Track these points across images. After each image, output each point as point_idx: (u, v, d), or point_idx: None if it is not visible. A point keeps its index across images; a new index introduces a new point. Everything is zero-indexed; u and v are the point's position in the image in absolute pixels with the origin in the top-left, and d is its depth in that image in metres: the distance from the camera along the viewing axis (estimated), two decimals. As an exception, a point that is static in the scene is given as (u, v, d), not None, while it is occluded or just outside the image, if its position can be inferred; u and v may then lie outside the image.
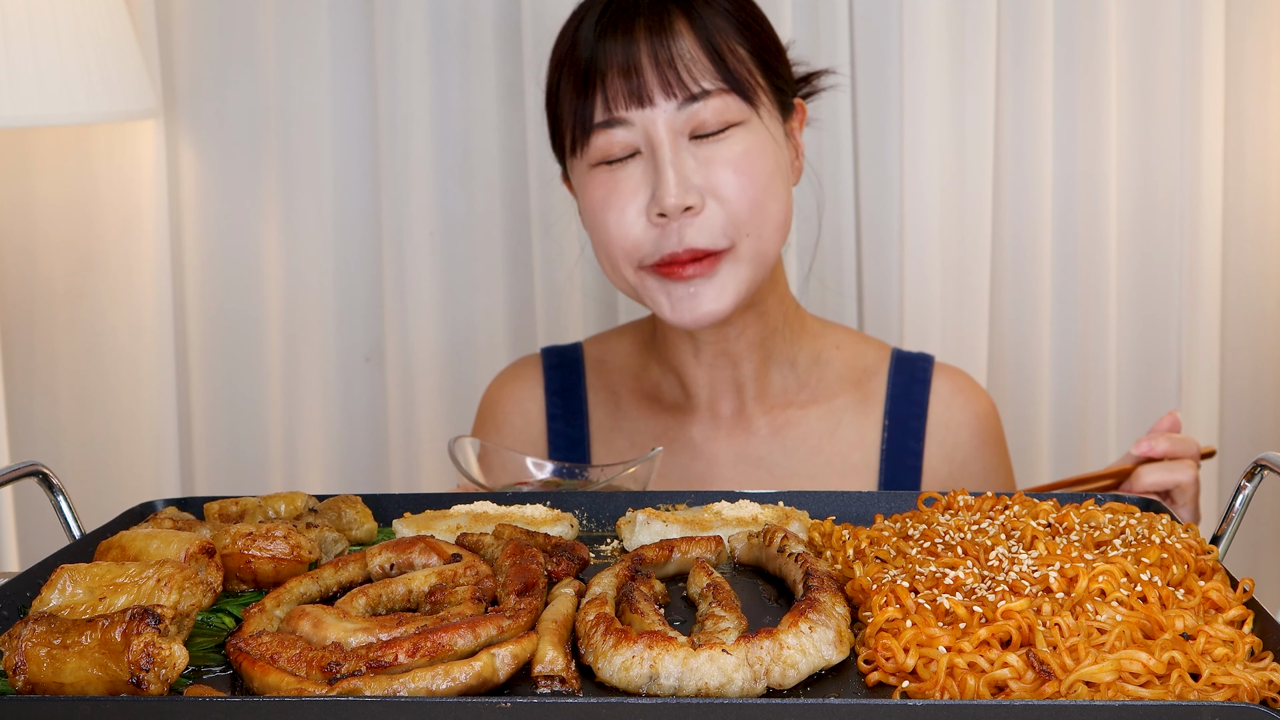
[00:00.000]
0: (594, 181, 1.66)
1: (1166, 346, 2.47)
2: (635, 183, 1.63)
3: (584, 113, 1.64)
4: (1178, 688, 0.91)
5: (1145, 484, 1.59)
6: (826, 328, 1.90)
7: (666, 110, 1.61)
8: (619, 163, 1.64)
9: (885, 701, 0.89)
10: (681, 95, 1.61)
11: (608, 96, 1.62)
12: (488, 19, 2.49)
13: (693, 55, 1.62)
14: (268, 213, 2.58)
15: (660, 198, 1.60)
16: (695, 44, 1.63)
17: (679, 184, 1.60)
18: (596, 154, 1.65)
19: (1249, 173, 2.45)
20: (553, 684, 0.96)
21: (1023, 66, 2.40)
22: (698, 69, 1.62)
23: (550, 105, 1.72)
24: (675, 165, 1.60)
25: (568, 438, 1.88)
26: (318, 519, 1.30)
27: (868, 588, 1.07)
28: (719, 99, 1.62)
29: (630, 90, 1.61)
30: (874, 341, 1.91)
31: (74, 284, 2.58)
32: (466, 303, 2.56)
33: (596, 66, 1.63)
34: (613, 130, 1.63)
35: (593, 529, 1.38)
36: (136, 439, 2.60)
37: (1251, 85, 2.43)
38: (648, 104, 1.61)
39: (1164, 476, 1.59)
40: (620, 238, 1.64)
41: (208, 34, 2.54)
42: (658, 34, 1.62)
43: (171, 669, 0.94)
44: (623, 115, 1.62)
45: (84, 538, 1.28)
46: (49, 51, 2.14)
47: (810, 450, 1.82)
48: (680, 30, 1.63)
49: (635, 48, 1.62)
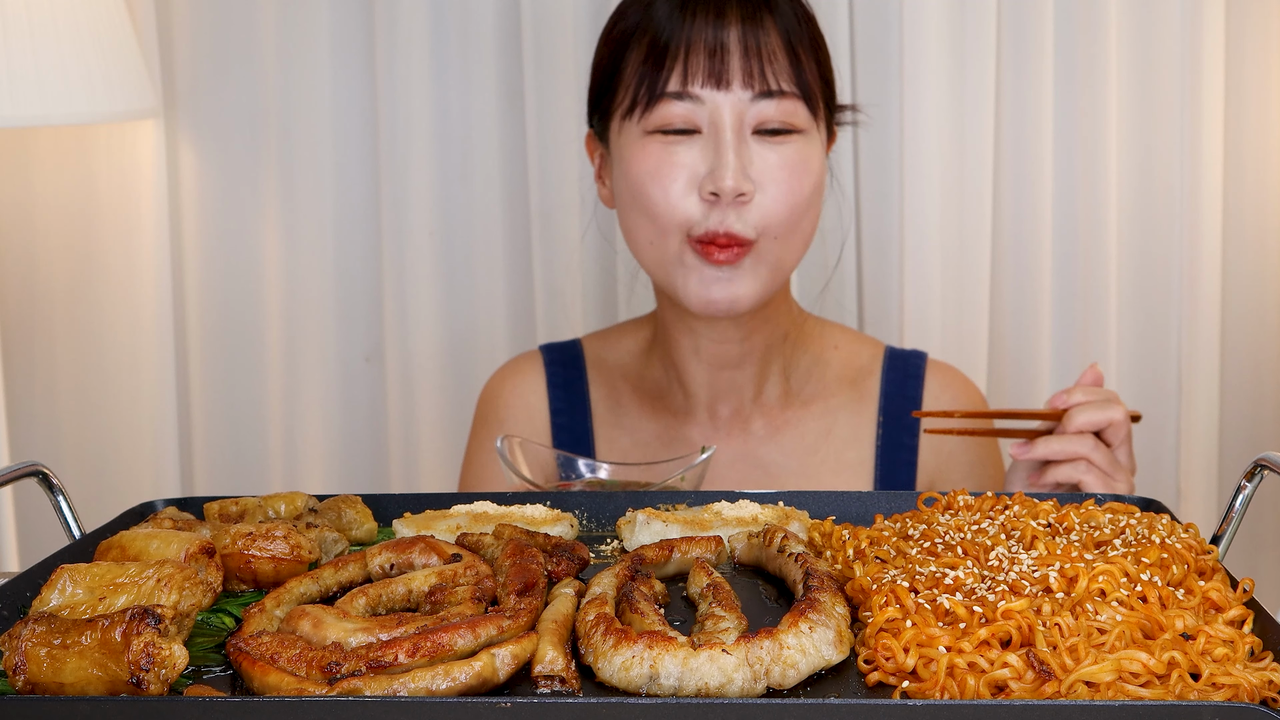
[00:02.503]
0: (645, 150, 1.67)
1: (1166, 346, 2.47)
2: (690, 158, 1.65)
3: (655, 80, 1.65)
4: (1178, 688, 0.91)
5: (1079, 423, 1.59)
6: (825, 328, 1.91)
7: (742, 98, 1.64)
8: (675, 136, 1.65)
9: (885, 701, 0.89)
10: (759, 87, 1.64)
11: (687, 70, 1.64)
12: (488, 19, 2.49)
13: (776, 52, 1.65)
14: (268, 213, 2.58)
15: (719, 177, 1.62)
16: (779, 44, 1.66)
17: (739, 168, 1.62)
18: (656, 121, 1.66)
19: (1249, 173, 2.45)
20: (553, 684, 0.96)
21: (1023, 67, 2.40)
22: (778, 66, 1.65)
23: (605, 68, 1.72)
24: (738, 150, 1.63)
25: (571, 431, 1.89)
26: (318, 519, 1.30)
27: (868, 588, 1.07)
28: (790, 102, 1.65)
29: (712, 70, 1.63)
30: (868, 340, 1.92)
31: (74, 284, 2.58)
32: (466, 303, 2.56)
33: (679, 39, 1.65)
34: (683, 103, 1.64)
35: (593, 529, 1.38)
36: (136, 439, 2.60)
37: (1251, 85, 2.43)
38: (725, 87, 1.64)
39: (1095, 415, 1.59)
40: (667, 208, 1.65)
41: (208, 34, 2.54)
42: (750, 23, 1.65)
43: (171, 669, 0.94)
44: (697, 92, 1.64)
45: (84, 538, 1.28)
46: (49, 51, 2.14)
47: (807, 450, 1.83)
48: (769, 27, 1.66)
49: (726, 31, 1.64)
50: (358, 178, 2.57)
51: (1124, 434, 1.62)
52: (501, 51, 2.51)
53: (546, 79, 2.44)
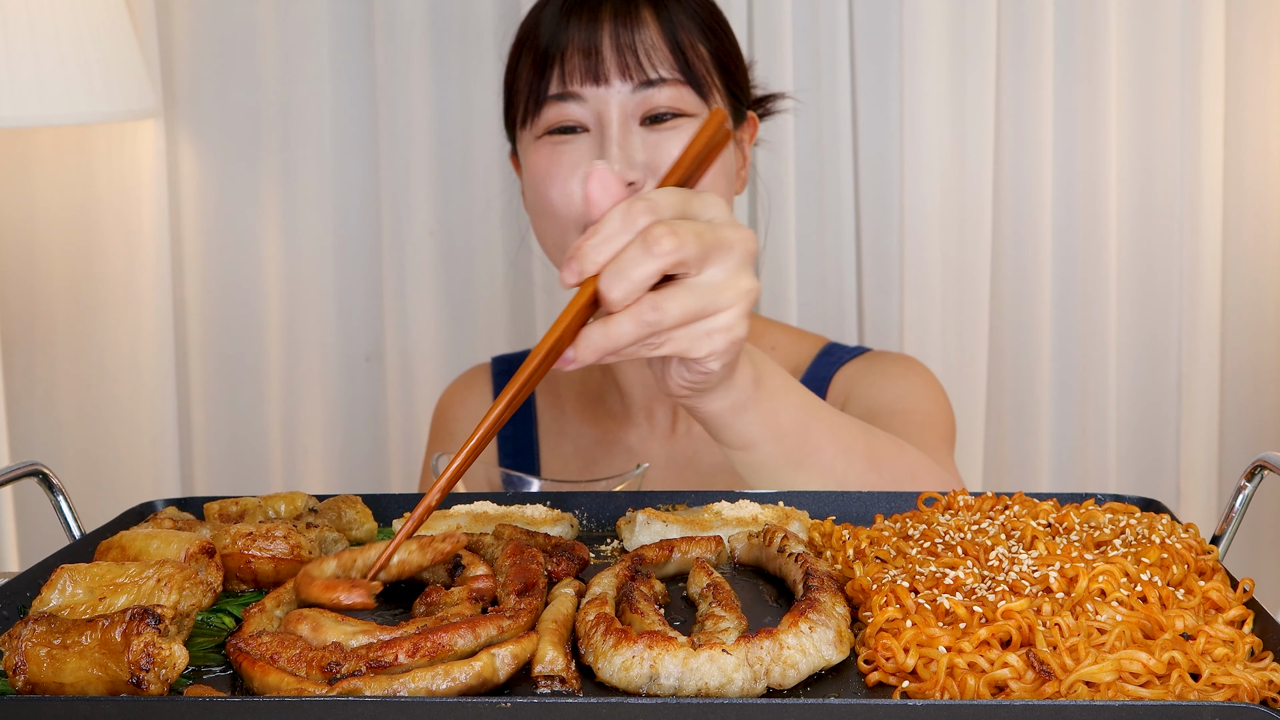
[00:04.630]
0: (538, 152, 1.68)
1: (1166, 346, 2.47)
2: (580, 155, 1.66)
3: (539, 86, 1.67)
4: (1178, 688, 0.91)
5: (609, 303, 1.11)
6: (767, 327, 1.92)
7: (621, 91, 1.64)
8: (565, 135, 1.67)
9: (885, 701, 0.89)
10: (637, 79, 1.64)
11: (565, 72, 1.65)
12: (488, 19, 2.49)
13: (654, 44, 1.66)
14: (268, 213, 2.58)
15: None
16: (658, 35, 1.66)
17: (624, 159, 1.62)
18: (544, 124, 1.67)
19: (1249, 173, 2.45)
20: (553, 684, 0.95)
21: (1023, 67, 2.40)
22: (657, 57, 1.65)
23: (508, 82, 1.76)
24: (622, 142, 1.63)
25: (515, 442, 1.93)
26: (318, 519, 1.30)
27: (868, 588, 1.07)
28: (673, 88, 1.65)
29: (588, 69, 1.65)
30: (810, 337, 1.93)
31: (74, 284, 2.58)
32: (466, 303, 2.56)
33: (558, 44, 1.66)
34: (565, 104, 1.66)
35: (593, 529, 1.38)
36: (136, 439, 2.60)
37: (1251, 85, 2.43)
38: (603, 83, 1.64)
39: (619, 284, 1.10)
40: (565, 206, 1.66)
41: (208, 34, 2.54)
42: (622, 20, 1.66)
43: (171, 669, 0.94)
44: (577, 90, 1.65)
45: (84, 538, 1.28)
46: (49, 51, 2.14)
47: None
48: (645, 20, 1.67)
49: (599, 30, 1.66)
50: (358, 178, 2.57)
51: (695, 247, 1.09)
52: (501, 52, 2.50)
53: (546, 79, 2.44)
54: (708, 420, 1.30)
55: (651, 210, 1.10)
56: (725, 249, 1.13)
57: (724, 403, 1.27)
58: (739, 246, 1.14)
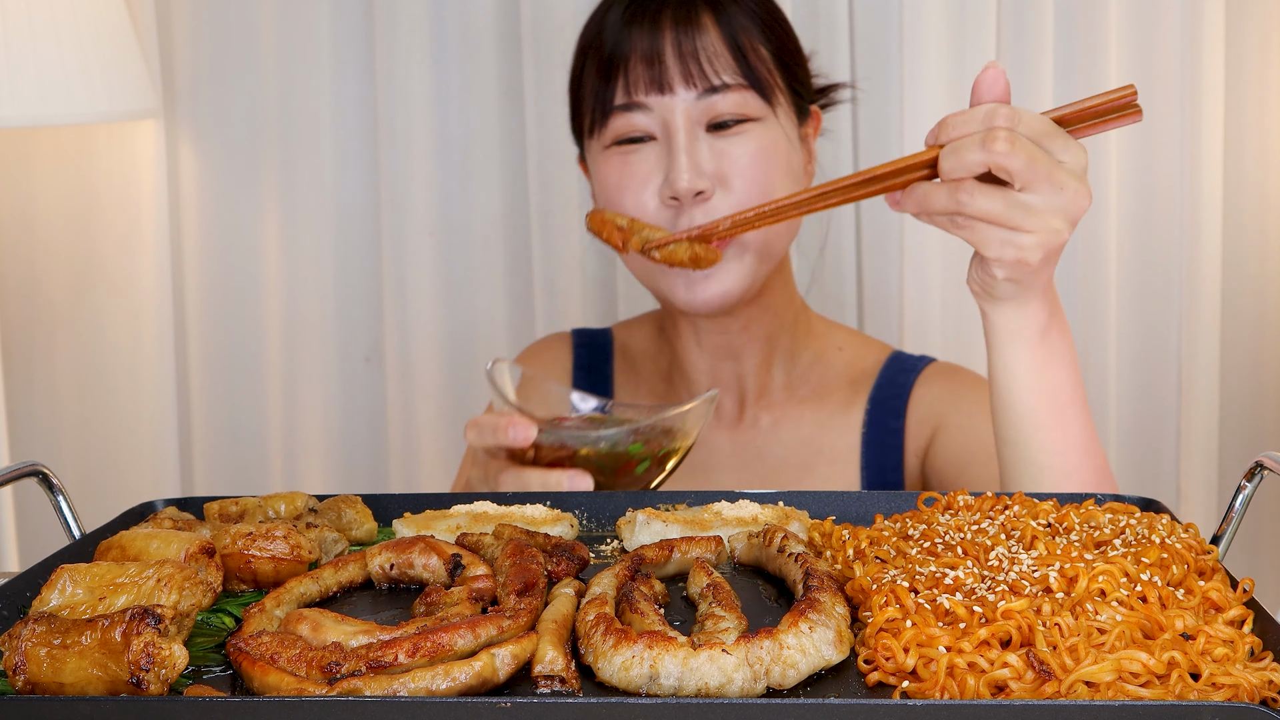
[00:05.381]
0: (608, 163, 1.70)
1: (1166, 346, 2.47)
2: (649, 166, 1.67)
3: (605, 95, 1.69)
4: (1178, 688, 0.91)
5: (945, 170, 1.26)
6: (831, 329, 1.92)
7: (686, 99, 1.66)
8: (633, 145, 1.68)
9: (885, 701, 0.89)
10: (701, 86, 1.66)
11: (629, 81, 1.67)
12: (488, 19, 2.49)
13: (716, 49, 1.67)
14: (268, 212, 2.58)
15: (673, 180, 1.64)
16: (719, 39, 1.68)
17: (692, 168, 1.64)
18: (612, 134, 1.69)
19: (1249, 173, 2.45)
20: (553, 684, 0.96)
21: (1022, 67, 2.40)
22: (719, 63, 1.67)
23: (573, 89, 1.77)
24: (689, 151, 1.65)
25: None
26: (318, 519, 1.30)
27: (868, 588, 1.07)
28: (737, 93, 1.67)
29: (652, 77, 1.66)
30: (876, 343, 1.93)
31: (74, 284, 2.58)
32: (466, 303, 2.56)
33: (621, 53, 1.68)
34: (631, 114, 1.67)
35: (593, 529, 1.38)
36: (136, 439, 2.60)
37: (1251, 85, 2.43)
38: (668, 91, 1.66)
39: (968, 156, 1.23)
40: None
41: (208, 34, 2.54)
42: (683, 26, 1.67)
43: (171, 669, 0.94)
44: (642, 100, 1.67)
45: (84, 538, 1.28)
46: (49, 51, 2.14)
47: (802, 442, 1.85)
48: (706, 25, 1.68)
49: (660, 37, 1.67)
50: (357, 178, 2.57)
51: (1023, 164, 1.22)
52: (501, 51, 2.51)
53: (546, 79, 2.44)
54: (989, 333, 1.39)
55: (1011, 119, 1.23)
56: (1053, 185, 1.24)
57: (1008, 323, 1.36)
58: (1068, 192, 1.24)
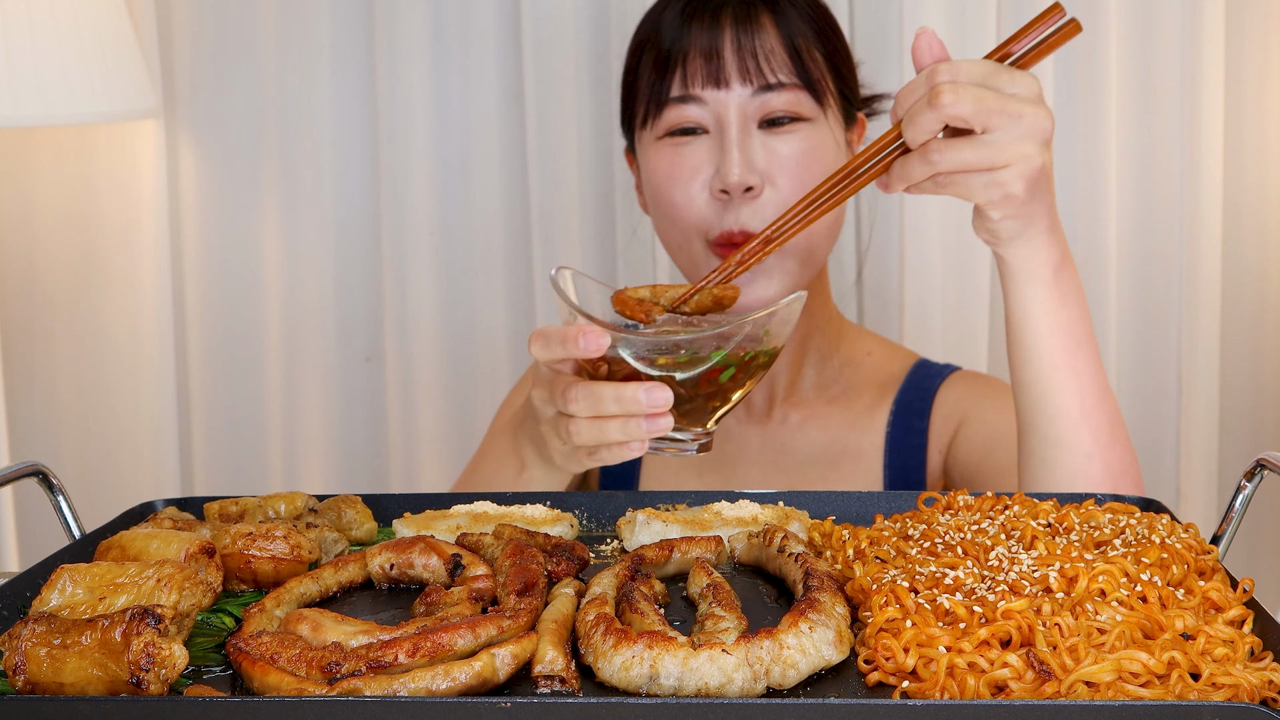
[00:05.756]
0: (660, 154, 1.72)
1: (1166, 347, 2.47)
2: (700, 158, 1.70)
3: (660, 88, 1.71)
4: (1178, 688, 0.91)
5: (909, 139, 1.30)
6: (862, 334, 1.96)
7: (741, 95, 1.68)
8: (685, 137, 1.70)
9: (885, 701, 0.89)
10: (757, 83, 1.68)
11: (687, 75, 1.69)
12: (488, 19, 2.49)
13: (773, 48, 1.70)
14: (268, 212, 2.58)
15: (725, 174, 1.66)
16: (777, 39, 1.70)
17: (744, 163, 1.66)
18: (665, 125, 1.71)
19: (1249, 173, 2.45)
20: (553, 684, 0.96)
21: (1023, 66, 2.40)
22: (776, 61, 1.69)
23: (627, 82, 1.79)
24: (742, 145, 1.67)
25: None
26: (318, 519, 1.30)
27: (868, 588, 1.07)
28: (791, 93, 1.69)
29: (709, 72, 1.68)
30: (904, 350, 1.96)
31: (74, 284, 2.58)
32: (466, 303, 2.56)
33: (680, 47, 1.70)
34: (686, 106, 1.70)
35: (593, 529, 1.38)
36: (136, 439, 2.60)
37: (1251, 85, 2.43)
38: (724, 86, 1.68)
39: (921, 123, 1.28)
40: (686, 209, 1.70)
41: (208, 34, 2.54)
42: (743, 24, 1.70)
43: (171, 669, 0.94)
44: (698, 93, 1.69)
45: (84, 538, 1.28)
46: (49, 51, 2.14)
47: (829, 440, 1.87)
48: (764, 25, 1.71)
49: (720, 34, 1.69)
50: (358, 178, 2.57)
51: (972, 108, 1.26)
52: (501, 51, 2.51)
53: (546, 79, 2.44)
54: (1004, 276, 1.42)
55: (951, 71, 1.27)
56: (1009, 116, 1.27)
57: (1024, 262, 1.39)
58: (1027, 118, 1.28)
